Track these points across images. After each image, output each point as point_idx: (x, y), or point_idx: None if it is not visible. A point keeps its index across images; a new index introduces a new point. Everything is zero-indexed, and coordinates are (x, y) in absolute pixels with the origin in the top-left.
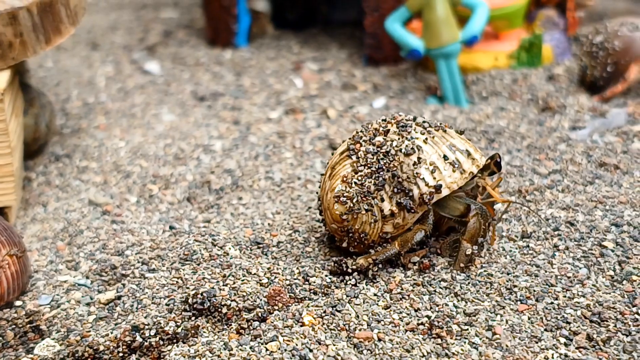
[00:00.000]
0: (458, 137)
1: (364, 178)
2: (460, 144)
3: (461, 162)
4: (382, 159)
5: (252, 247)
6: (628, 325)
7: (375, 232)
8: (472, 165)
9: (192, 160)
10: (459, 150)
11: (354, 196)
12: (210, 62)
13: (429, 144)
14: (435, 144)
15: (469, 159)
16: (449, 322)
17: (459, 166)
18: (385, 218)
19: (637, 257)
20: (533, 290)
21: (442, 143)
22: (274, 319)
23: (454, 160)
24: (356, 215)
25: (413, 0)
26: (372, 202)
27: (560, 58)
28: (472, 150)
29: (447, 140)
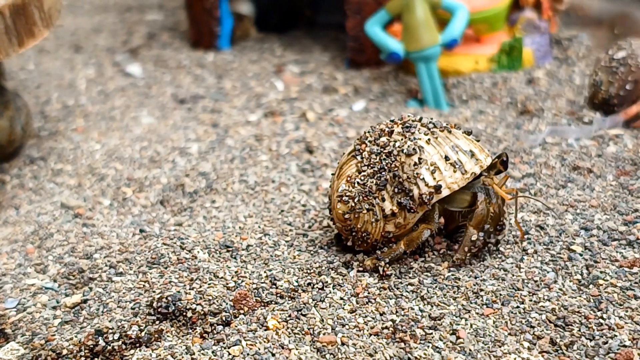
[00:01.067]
0: (464, 138)
1: (366, 178)
2: (464, 144)
3: (463, 163)
4: (385, 159)
5: (221, 251)
6: (592, 329)
7: (378, 232)
8: (475, 166)
9: (167, 163)
10: (462, 151)
11: (356, 196)
12: (192, 64)
13: (432, 145)
14: (438, 145)
15: (472, 159)
16: (414, 326)
17: (461, 167)
18: (386, 218)
19: (605, 261)
20: (499, 294)
21: (445, 144)
22: (239, 323)
23: (455, 161)
24: (358, 214)
25: (393, 3)
26: (374, 202)
27: (541, 61)
28: (476, 151)
29: (450, 141)
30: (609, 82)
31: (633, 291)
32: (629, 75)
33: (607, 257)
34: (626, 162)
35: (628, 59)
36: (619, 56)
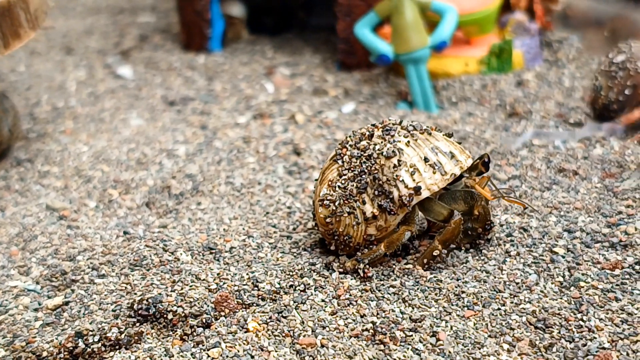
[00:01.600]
0: (444, 140)
1: (347, 181)
2: (444, 146)
3: (443, 164)
4: (365, 163)
5: (204, 253)
6: (572, 331)
7: (360, 235)
8: (455, 167)
9: (154, 165)
10: (442, 153)
11: (337, 199)
12: (183, 66)
13: (411, 147)
14: (418, 147)
15: (452, 160)
16: (394, 328)
17: (440, 168)
18: (367, 220)
19: (587, 264)
20: (481, 296)
21: (425, 146)
22: (219, 325)
23: (435, 162)
24: (339, 218)
25: (382, 5)
26: (355, 205)
27: (531, 64)
28: (456, 152)
29: (430, 143)
30: (609, 87)
31: (614, 293)
32: (628, 80)
33: (590, 259)
34: (612, 164)
35: (627, 63)
36: (618, 60)
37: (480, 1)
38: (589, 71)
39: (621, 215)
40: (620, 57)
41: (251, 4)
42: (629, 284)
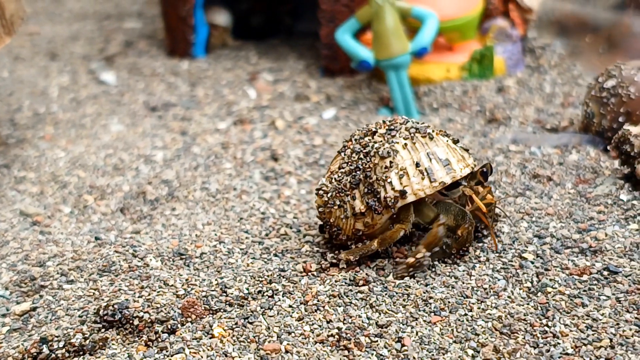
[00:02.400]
0: (444, 146)
1: (343, 175)
2: (442, 152)
3: (434, 171)
4: (362, 159)
5: (174, 259)
6: (536, 337)
7: (349, 228)
8: (447, 176)
9: (130, 171)
10: (437, 159)
11: (330, 191)
12: (167, 72)
13: (407, 150)
14: (414, 150)
15: (445, 168)
16: (359, 333)
17: (430, 175)
18: (355, 216)
19: (556, 269)
20: (448, 301)
21: (422, 150)
22: (184, 331)
23: (426, 168)
24: (330, 209)
25: (362, 12)
26: (345, 199)
27: (513, 70)
28: (453, 161)
29: (428, 148)
30: (601, 114)
31: (581, 299)
32: (621, 107)
33: (558, 264)
34: (587, 170)
35: (618, 88)
36: (608, 85)
37: (461, 7)
38: (570, 77)
39: (592, 221)
40: (611, 82)
41: (237, 10)
42: (596, 290)
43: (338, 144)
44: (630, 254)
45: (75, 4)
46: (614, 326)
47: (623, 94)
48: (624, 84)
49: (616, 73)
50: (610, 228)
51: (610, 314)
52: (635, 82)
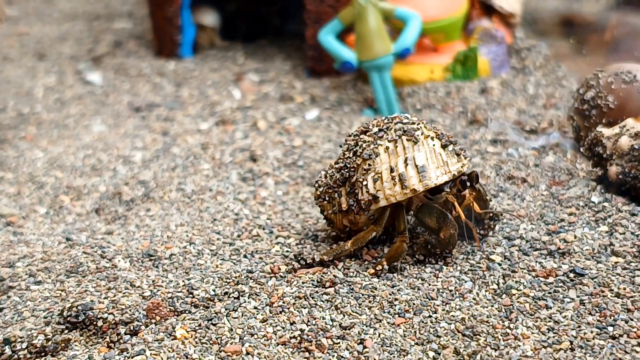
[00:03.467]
0: (427, 151)
1: (334, 171)
2: (421, 158)
3: (407, 178)
4: (350, 158)
5: (143, 260)
6: (498, 339)
7: (339, 222)
8: (419, 184)
9: (108, 172)
10: (414, 165)
11: (322, 185)
12: (153, 73)
13: (388, 154)
14: (394, 155)
15: (420, 175)
16: (322, 335)
17: (402, 181)
18: (342, 212)
19: (523, 271)
20: (413, 303)
21: (402, 154)
22: (147, 332)
23: (400, 174)
24: (322, 202)
25: (345, 12)
26: (334, 195)
27: (498, 71)
28: (432, 167)
29: (408, 153)
30: (585, 127)
31: (545, 301)
32: (602, 118)
33: (526, 267)
34: (562, 172)
35: (597, 99)
36: (588, 97)
37: (445, 8)
38: (555, 79)
39: (563, 223)
40: (590, 93)
41: (225, 10)
42: (561, 292)
43: (318, 145)
44: (597, 256)
45: (65, 5)
46: (575, 329)
47: (602, 104)
48: (602, 94)
49: (594, 83)
50: (580, 230)
51: (572, 316)
52: (613, 90)
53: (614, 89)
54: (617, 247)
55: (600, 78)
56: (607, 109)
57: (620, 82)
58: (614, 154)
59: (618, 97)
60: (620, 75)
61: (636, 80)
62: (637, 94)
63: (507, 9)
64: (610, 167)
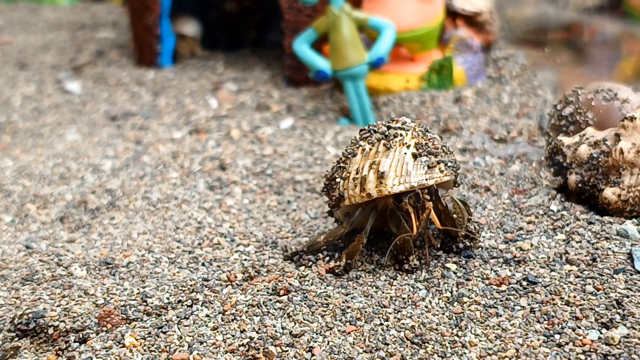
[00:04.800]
0: (395, 158)
1: (335, 165)
2: (385, 164)
3: (366, 182)
4: (343, 155)
5: (100, 268)
6: (445, 347)
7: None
8: (374, 189)
9: (75, 180)
10: (376, 171)
11: (325, 179)
12: (132, 82)
13: (362, 155)
14: (365, 157)
15: (377, 181)
16: (271, 343)
17: (362, 184)
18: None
19: (477, 279)
20: (365, 311)
21: (371, 158)
22: (96, 340)
23: (362, 177)
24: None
25: (319, 22)
26: (329, 188)
27: (474, 80)
28: (392, 175)
29: (377, 157)
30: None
31: (496, 309)
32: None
33: (480, 275)
34: (526, 181)
35: (576, 115)
36: (566, 113)
37: (421, 18)
38: (530, 88)
39: (521, 231)
40: (568, 109)
41: (206, 20)
42: (513, 300)
43: (288, 153)
44: (552, 265)
45: (51, 14)
46: (522, 336)
47: (581, 120)
48: (581, 110)
49: (573, 99)
50: (537, 238)
51: (520, 324)
52: (592, 106)
53: (594, 106)
54: (572, 255)
55: (580, 95)
56: (586, 125)
57: (600, 100)
58: (574, 162)
59: (598, 114)
60: (601, 93)
61: (616, 98)
62: (617, 111)
63: (470, 9)
64: (570, 175)
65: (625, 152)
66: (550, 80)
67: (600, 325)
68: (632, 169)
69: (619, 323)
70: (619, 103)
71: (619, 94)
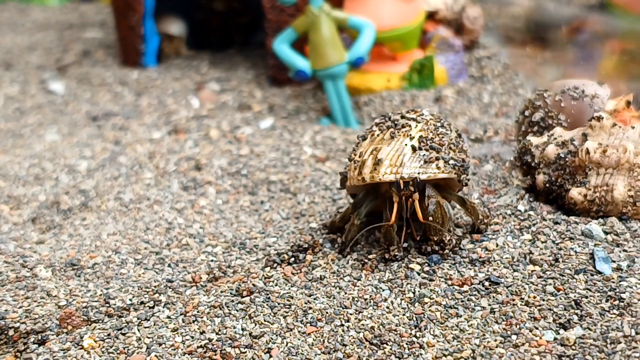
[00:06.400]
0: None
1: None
2: (384, 152)
3: (364, 166)
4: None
5: (66, 269)
6: (403, 348)
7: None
8: (367, 175)
9: (50, 181)
10: (374, 157)
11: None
12: (115, 82)
13: (369, 140)
14: (372, 142)
15: (372, 167)
16: (229, 344)
17: (360, 168)
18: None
19: (440, 279)
20: (326, 312)
21: (375, 144)
22: (55, 342)
23: (363, 161)
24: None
25: (299, 21)
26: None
27: (456, 80)
28: (386, 164)
29: (380, 144)
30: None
31: (456, 309)
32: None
33: (443, 275)
34: (498, 181)
35: (548, 120)
36: (537, 118)
37: (402, 17)
38: (511, 87)
39: (488, 231)
40: (539, 114)
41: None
42: (474, 300)
43: (265, 153)
44: (515, 265)
45: (39, 15)
46: (479, 337)
47: (555, 124)
48: (552, 113)
49: (541, 103)
50: (502, 239)
51: (478, 324)
52: (562, 107)
53: (564, 107)
54: (536, 255)
55: (547, 98)
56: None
57: (569, 99)
58: (542, 162)
59: (570, 115)
60: (568, 92)
61: (585, 95)
62: (589, 108)
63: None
64: (538, 175)
65: (591, 152)
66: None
67: (557, 325)
68: (599, 169)
69: (576, 324)
70: (589, 100)
71: (586, 90)
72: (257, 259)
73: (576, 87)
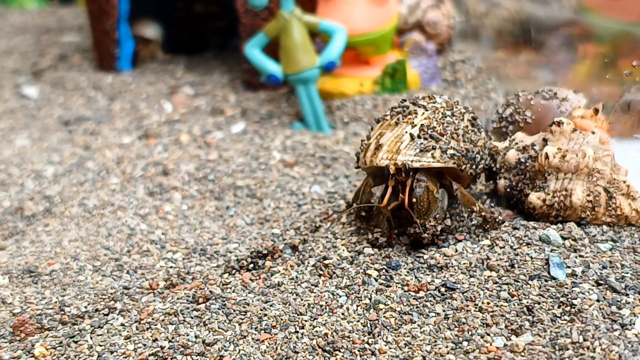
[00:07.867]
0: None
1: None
2: (386, 138)
3: (368, 150)
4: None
5: (23, 276)
6: (355, 355)
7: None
8: (369, 158)
9: (15, 186)
10: (377, 142)
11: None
12: (89, 86)
13: (380, 124)
14: (380, 127)
15: (374, 151)
16: (181, 352)
17: (365, 152)
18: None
19: (397, 285)
20: (281, 319)
21: (382, 129)
22: (6, 350)
23: (367, 144)
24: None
25: (270, 26)
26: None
27: (429, 84)
28: (385, 149)
29: (386, 130)
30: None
31: (410, 316)
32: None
33: (400, 281)
34: None
35: (515, 115)
36: (506, 114)
37: (375, 22)
38: (484, 91)
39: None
40: (509, 110)
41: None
42: (429, 307)
43: (233, 158)
44: (472, 270)
45: (17, 18)
46: (431, 343)
47: (520, 119)
48: (520, 110)
49: (514, 101)
50: (462, 244)
51: (431, 331)
52: (531, 105)
53: (533, 105)
54: (493, 261)
55: (521, 96)
56: (525, 123)
57: (539, 99)
58: (503, 167)
59: (536, 112)
60: (541, 93)
61: (556, 96)
62: (556, 108)
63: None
64: (499, 180)
65: (550, 157)
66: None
67: (509, 332)
68: (558, 173)
69: (527, 330)
70: (558, 101)
71: (558, 93)
72: (217, 265)
73: (550, 89)
